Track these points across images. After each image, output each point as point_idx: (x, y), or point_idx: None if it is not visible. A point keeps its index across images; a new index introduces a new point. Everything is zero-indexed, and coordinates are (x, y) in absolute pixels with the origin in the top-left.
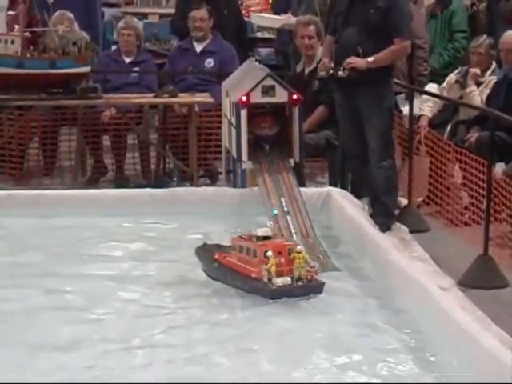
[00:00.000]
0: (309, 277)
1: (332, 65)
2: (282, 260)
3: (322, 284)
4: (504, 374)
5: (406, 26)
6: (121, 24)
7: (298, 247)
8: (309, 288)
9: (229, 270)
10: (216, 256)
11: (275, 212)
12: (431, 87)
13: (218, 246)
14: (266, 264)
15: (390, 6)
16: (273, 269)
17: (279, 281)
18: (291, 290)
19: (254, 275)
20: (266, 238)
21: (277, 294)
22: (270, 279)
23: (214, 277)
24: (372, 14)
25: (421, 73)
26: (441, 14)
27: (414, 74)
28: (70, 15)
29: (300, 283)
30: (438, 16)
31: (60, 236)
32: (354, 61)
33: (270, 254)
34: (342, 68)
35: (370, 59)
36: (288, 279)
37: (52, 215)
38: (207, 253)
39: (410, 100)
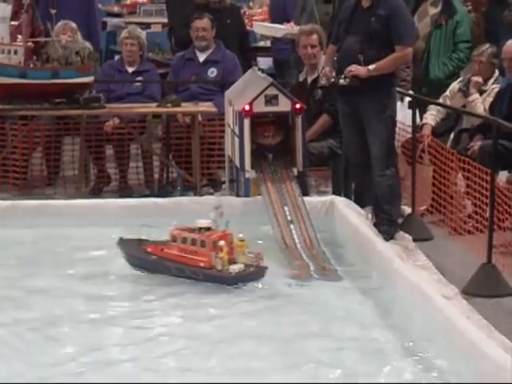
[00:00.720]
0: (255, 262)
1: (334, 73)
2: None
3: (266, 268)
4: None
5: (407, 33)
6: (124, 34)
7: (240, 235)
8: (258, 273)
9: (172, 261)
10: (150, 249)
11: (220, 207)
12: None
13: (141, 240)
14: (218, 253)
15: (391, 13)
16: (225, 257)
17: (235, 268)
18: (246, 275)
19: (202, 264)
20: (207, 229)
21: (235, 280)
22: (223, 267)
23: (150, 269)
24: (373, 22)
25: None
26: (445, 24)
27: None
28: (74, 25)
29: (251, 269)
30: (443, 26)
31: (61, 245)
32: (355, 69)
33: (223, 243)
34: (343, 76)
35: (371, 67)
36: (241, 266)
37: (56, 225)
38: (133, 246)
39: (413, 108)
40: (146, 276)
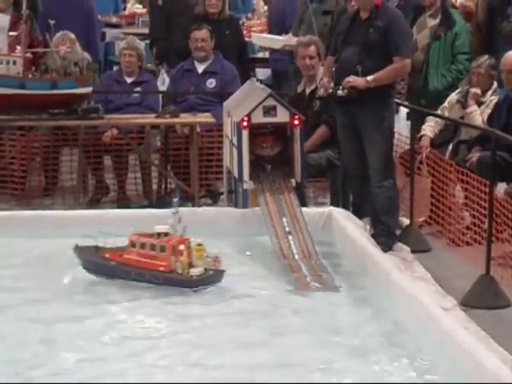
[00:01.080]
0: (213, 266)
1: (332, 84)
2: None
3: (224, 271)
4: None
5: (405, 44)
6: (123, 44)
7: (198, 240)
8: (217, 276)
9: (132, 266)
10: (108, 255)
11: (178, 211)
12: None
13: (97, 247)
14: (178, 257)
15: (389, 25)
16: (186, 261)
17: (196, 271)
18: (206, 278)
19: (162, 268)
20: (165, 234)
21: (196, 284)
22: (183, 270)
23: (109, 275)
24: (371, 34)
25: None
26: (444, 36)
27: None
28: (72, 36)
29: (211, 272)
30: (442, 37)
31: (59, 256)
32: (353, 80)
33: (182, 247)
34: (341, 87)
35: (369, 78)
36: (201, 269)
37: (53, 235)
38: (91, 253)
39: (411, 120)
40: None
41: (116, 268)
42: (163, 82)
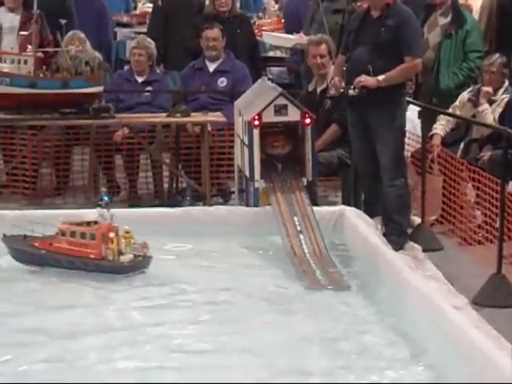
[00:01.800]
0: (142, 252)
1: (343, 84)
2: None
3: (151, 257)
4: None
5: (416, 44)
6: (133, 44)
7: (126, 227)
8: (146, 262)
9: (62, 254)
10: (37, 244)
11: (106, 198)
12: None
13: (26, 236)
14: (109, 244)
15: (400, 24)
16: (116, 248)
17: (126, 258)
18: (136, 264)
19: (93, 256)
20: (95, 222)
21: (127, 270)
22: (114, 257)
23: (39, 263)
24: (382, 33)
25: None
26: (455, 34)
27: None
28: (82, 35)
29: (140, 258)
30: (453, 36)
31: None
32: (365, 79)
33: (112, 235)
34: (352, 87)
35: (381, 77)
36: (131, 256)
37: None
38: (19, 242)
39: (423, 119)
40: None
41: (46, 256)
42: None
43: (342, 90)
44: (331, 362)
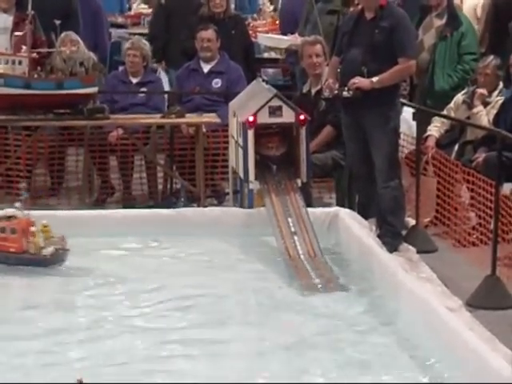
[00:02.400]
0: (60, 245)
1: (337, 85)
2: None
3: (69, 250)
4: None
5: (410, 45)
6: (127, 44)
7: (44, 221)
8: (65, 254)
9: None
10: None
11: (25, 194)
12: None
13: None
14: (30, 238)
15: (394, 25)
16: (38, 241)
17: (49, 250)
18: (58, 256)
19: (13, 250)
20: (12, 217)
21: (50, 262)
22: (36, 250)
23: None
24: (376, 34)
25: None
26: (451, 36)
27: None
28: (75, 36)
29: (60, 251)
30: (448, 38)
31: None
32: (359, 81)
33: (33, 229)
34: (346, 88)
35: (375, 79)
36: (52, 248)
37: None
38: None
39: (417, 120)
40: None
41: None
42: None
43: (336, 92)
44: (324, 364)
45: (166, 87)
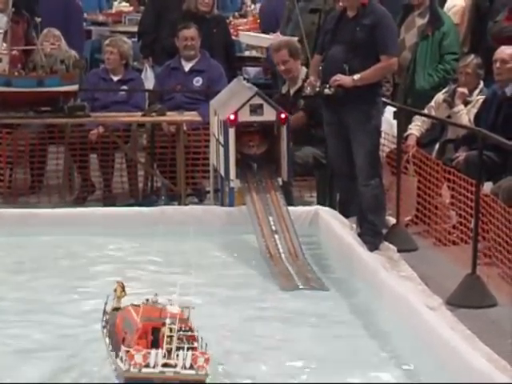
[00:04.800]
0: None
1: (319, 83)
2: None
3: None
4: None
5: (392, 43)
6: (106, 42)
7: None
8: None
9: None
10: None
11: None
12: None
13: None
14: None
15: (375, 23)
16: None
17: None
18: None
19: None
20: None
21: None
22: None
23: None
24: (358, 32)
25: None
26: (432, 36)
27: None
28: (57, 32)
29: None
30: (430, 37)
31: (47, 254)
32: (340, 78)
33: None
34: (328, 86)
35: (356, 77)
36: None
37: (39, 233)
38: None
39: (398, 119)
40: None
41: None
42: (147, 76)
43: (317, 90)
44: (304, 363)
45: (153, 84)
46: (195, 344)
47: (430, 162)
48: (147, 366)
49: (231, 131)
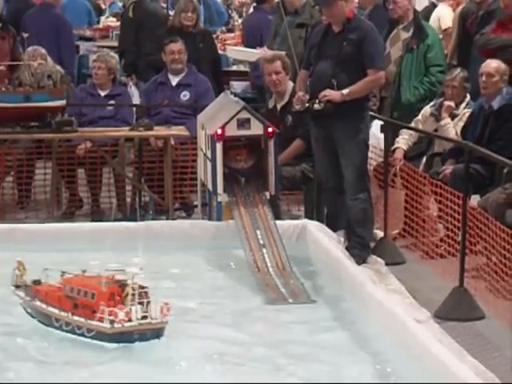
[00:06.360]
0: None
1: (307, 97)
2: None
3: None
4: None
5: (379, 56)
6: (93, 57)
7: None
8: None
9: None
10: None
11: None
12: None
13: None
14: None
15: (362, 37)
16: None
17: None
18: None
19: None
20: None
21: None
22: None
23: None
24: (345, 47)
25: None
26: (417, 48)
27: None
28: (43, 51)
29: None
30: (414, 50)
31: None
32: (329, 93)
33: None
34: (317, 101)
35: (345, 91)
36: None
37: (26, 249)
38: None
39: (385, 133)
40: None
41: None
42: (132, 93)
43: (307, 105)
44: (294, 377)
45: (137, 101)
46: (150, 298)
47: (417, 175)
48: (129, 320)
49: (218, 145)
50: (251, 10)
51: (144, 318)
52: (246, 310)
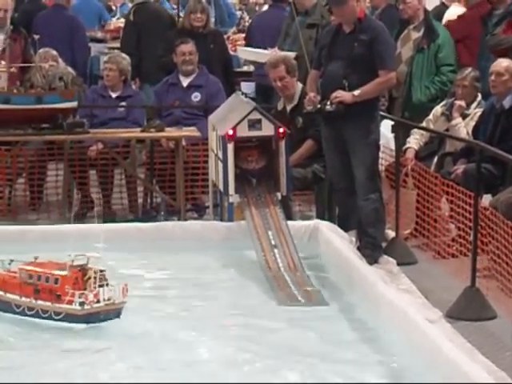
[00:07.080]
0: None
1: (318, 98)
2: None
3: None
4: None
5: (390, 57)
6: (104, 58)
7: None
8: None
9: None
10: None
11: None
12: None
13: None
14: None
15: (373, 38)
16: None
17: None
18: None
19: None
20: None
21: None
22: None
23: None
24: (356, 47)
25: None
26: (428, 48)
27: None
28: (54, 52)
29: None
30: (425, 50)
31: None
32: (341, 95)
33: None
34: (329, 102)
35: (356, 92)
36: None
37: (38, 250)
38: None
39: (396, 133)
40: None
41: None
42: None
43: (318, 106)
44: (304, 377)
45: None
46: (108, 280)
47: (429, 175)
48: (97, 302)
49: (230, 146)
50: (264, 7)
51: (108, 299)
52: (257, 311)
